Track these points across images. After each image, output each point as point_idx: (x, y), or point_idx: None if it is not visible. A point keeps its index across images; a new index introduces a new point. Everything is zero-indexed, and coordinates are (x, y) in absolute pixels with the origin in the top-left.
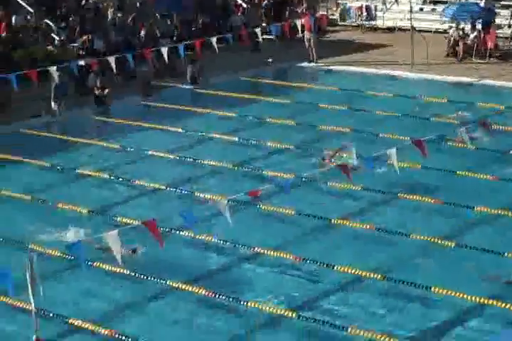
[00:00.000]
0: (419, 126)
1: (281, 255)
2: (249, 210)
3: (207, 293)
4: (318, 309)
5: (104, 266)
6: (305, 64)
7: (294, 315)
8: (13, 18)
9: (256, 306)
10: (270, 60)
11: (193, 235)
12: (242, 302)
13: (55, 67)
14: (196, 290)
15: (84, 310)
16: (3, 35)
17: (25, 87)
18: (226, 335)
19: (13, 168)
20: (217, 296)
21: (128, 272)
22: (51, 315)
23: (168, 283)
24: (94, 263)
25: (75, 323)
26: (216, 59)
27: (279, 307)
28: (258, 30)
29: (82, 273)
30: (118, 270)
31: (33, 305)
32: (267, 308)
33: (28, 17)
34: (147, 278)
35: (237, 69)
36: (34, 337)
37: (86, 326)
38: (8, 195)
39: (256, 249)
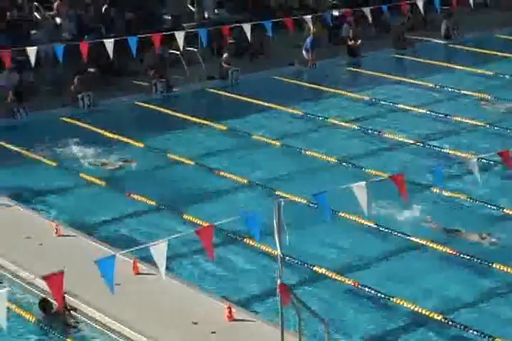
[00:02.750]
0: None
1: None
2: (499, 171)
3: (453, 252)
4: None
5: (349, 217)
6: None
7: None
8: None
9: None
10: None
11: (440, 192)
12: (490, 265)
13: (309, 17)
14: (442, 249)
15: (327, 259)
16: None
17: (280, 34)
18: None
19: (264, 114)
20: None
21: (373, 225)
22: (296, 261)
23: (411, 238)
24: (340, 214)
25: (319, 271)
26: (471, 14)
27: None
28: None
29: (326, 223)
30: (363, 222)
31: (278, 251)
32: None
33: None
34: (390, 232)
35: (494, 26)
36: (278, 282)
37: (330, 275)
38: (261, 140)
39: (506, 210)
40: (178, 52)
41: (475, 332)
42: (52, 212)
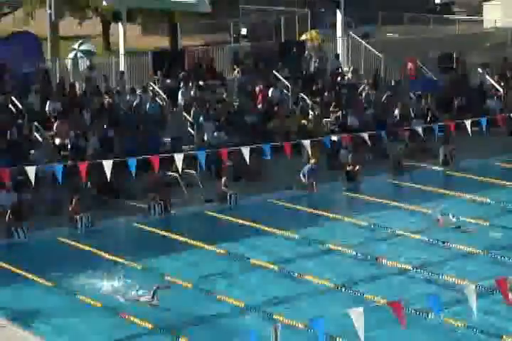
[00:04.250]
0: None
1: None
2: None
3: None
4: None
5: None
6: None
7: None
8: (270, 91)
9: None
10: None
11: (438, 320)
12: None
13: (308, 141)
14: None
15: None
16: (260, 106)
17: (278, 158)
18: None
19: (262, 238)
20: None
21: None
22: None
23: None
24: (338, 339)
25: None
26: (470, 141)
27: None
28: None
29: None
30: None
31: None
32: None
33: (285, 90)
34: None
35: (491, 153)
36: None
37: None
38: (258, 263)
39: (504, 337)
40: (176, 175)
41: None
42: (50, 334)
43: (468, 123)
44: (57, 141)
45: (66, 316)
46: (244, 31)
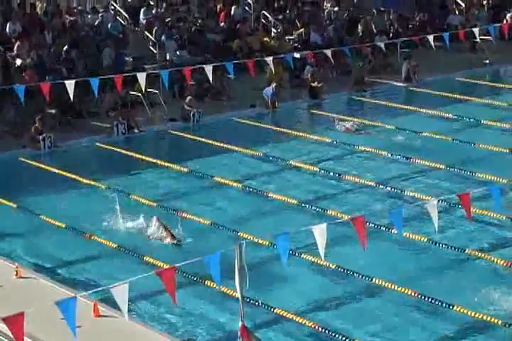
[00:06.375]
0: None
1: (493, 259)
2: (457, 213)
3: (413, 294)
4: None
5: (308, 258)
6: None
7: None
8: (233, 9)
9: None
10: (487, 60)
11: (399, 235)
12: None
13: (271, 58)
14: (404, 291)
15: (289, 300)
16: (222, 24)
17: (242, 76)
18: None
19: (225, 156)
20: (424, 298)
21: (332, 266)
22: (257, 303)
23: (374, 281)
24: (302, 255)
25: (280, 313)
26: (432, 57)
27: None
28: (476, 30)
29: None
30: (321, 262)
31: (239, 293)
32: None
33: (247, 8)
34: (352, 273)
35: (453, 68)
36: (240, 324)
37: (290, 317)
38: (221, 181)
39: (468, 250)
40: (139, 94)
41: None
42: (12, 254)
43: (430, 38)
44: (18, 61)
45: (28, 235)
46: None
